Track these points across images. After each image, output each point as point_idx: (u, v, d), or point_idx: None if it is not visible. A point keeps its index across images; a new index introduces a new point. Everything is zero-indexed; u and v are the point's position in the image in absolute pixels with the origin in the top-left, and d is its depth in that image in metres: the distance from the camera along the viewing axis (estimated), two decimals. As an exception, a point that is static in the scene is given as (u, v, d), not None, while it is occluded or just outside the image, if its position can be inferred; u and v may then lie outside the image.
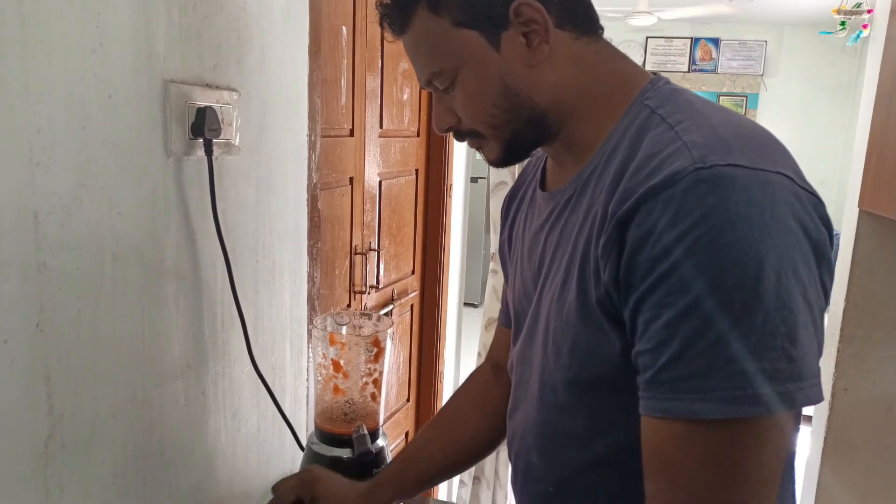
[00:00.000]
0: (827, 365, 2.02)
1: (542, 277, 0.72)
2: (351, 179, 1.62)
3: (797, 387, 0.52)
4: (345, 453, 0.96)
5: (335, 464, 0.96)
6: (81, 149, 0.72)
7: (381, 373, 1.00)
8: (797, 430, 0.64)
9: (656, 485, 0.57)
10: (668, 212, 0.53)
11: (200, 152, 0.88)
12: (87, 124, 0.72)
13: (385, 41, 1.58)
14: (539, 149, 0.74)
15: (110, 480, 0.81)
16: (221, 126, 0.90)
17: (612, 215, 0.58)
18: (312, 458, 0.99)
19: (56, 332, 0.71)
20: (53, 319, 0.70)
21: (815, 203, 0.57)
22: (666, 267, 0.53)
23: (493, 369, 0.98)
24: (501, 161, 0.72)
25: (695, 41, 5.08)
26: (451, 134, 0.74)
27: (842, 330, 1.93)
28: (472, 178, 2.55)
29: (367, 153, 1.69)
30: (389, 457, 1.02)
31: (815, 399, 0.53)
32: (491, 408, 0.92)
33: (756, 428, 0.53)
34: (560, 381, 0.67)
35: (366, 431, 0.96)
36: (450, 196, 2.21)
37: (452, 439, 0.95)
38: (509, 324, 0.86)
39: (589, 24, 0.68)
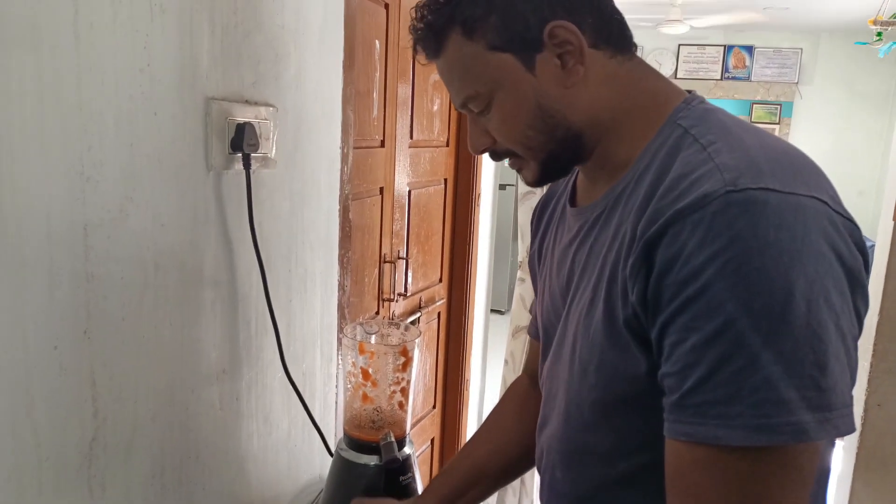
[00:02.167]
0: (860, 380, 1.99)
1: (570, 294, 0.73)
2: (381, 189, 1.65)
3: (825, 417, 0.52)
4: (372, 460, 0.98)
5: (363, 470, 0.99)
6: (128, 164, 0.75)
7: (408, 381, 1.02)
8: (832, 446, 0.64)
9: None
10: (696, 235, 0.53)
11: (239, 166, 0.92)
12: (134, 141, 0.76)
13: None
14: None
15: (148, 481, 0.84)
16: (259, 141, 0.94)
17: (640, 236, 0.58)
18: (341, 463, 1.01)
19: (101, 339, 0.75)
20: (99, 326, 0.74)
21: (851, 228, 0.56)
22: (693, 290, 0.53)
23: (529, 381, 0.99)
24: (539, 181, 0.73)
25: (728, 49, 5.03)
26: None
27: (875, 344, 1.90)
28: (500, 185, 2.57)
29: (397, 163, 1.72)
30: (416, 465, 1.04)
31: (845, 431, 0.53)
32: (528, 418, 0.93)
33: (781, 456, 0.52)
34: (586, 399, 0.68)
35: (393, 439, 0.98)
36: (478, 205, 2.22)
37: (493, 451, 0.95)
38: (538, 336, 0.87)
39: (623, 42, 0.68)
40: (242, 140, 0.89)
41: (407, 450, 1.02)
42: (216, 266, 0.91)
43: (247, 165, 0.91)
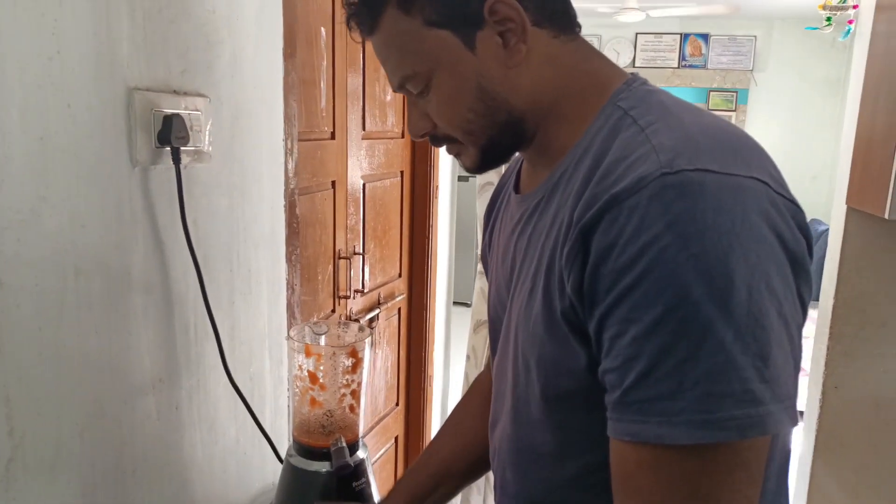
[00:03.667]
0: (817, 363, 2.01)
1: (512, 285, 0.70)
2: (333, 183, 1.59)
3: (768, 410, 0.49)
4: (323, 466, 0.94)
5: (313, 478, 0.94)
6: (38, 160, 0.69)
7: (359, 384, 0.98)
8: (792, 426, 0.62)
9: None
10: (632, 221, 0.51)
11: (168, 161, 0.86)
12: (45, 135, 0.70)
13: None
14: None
15: (78, 502, 0.78)
16: (190, 133, 0.88)
17: (576, 222, 0.55)
18: (290, 471, 0.96)
19: (15, 352, 0.69)
20: (12, 338, 0.68)
21: (794, 210, 0.54)
22: (631, 279, 0.50)
23: (490, 376, 0.96)
24: (478, 167, 0.70)
25: (684, 37, 5.06)
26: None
27: (831, 327, 1.92)
28: (461, 176, 2.53)
29: (349, 156, 1.66)
30: (370, 469, 1.00)
31: (790, 423, 0.51)
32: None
33: (727, 453, 0.50)
34: (531, 395, 0.65)
35: (344, 444, 0.94)
36: (436, 197, 2.18)
37: (459, 449, 0.93)
38: None
39: (566, 22, 0.65)
40: (171, 133, 0.84)
41: (360, 454, 0.98)
42: (146, 268, 0.85)
43: (176, 160, 0.85)
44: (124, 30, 0.78)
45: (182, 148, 0.86)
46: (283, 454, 1.10)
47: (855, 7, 2.71)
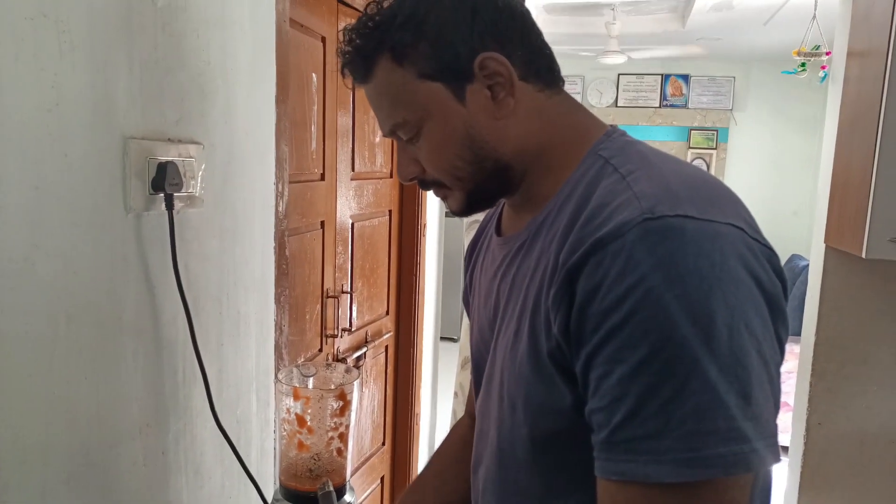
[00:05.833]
0: (801, 400, 2.03)
1: (496, 326, 0.71)
2: (322, 223, 1.61)
3: (752, 448, 0.51)
4: (310, 511, 0.94)
5: (300, 523, 0.93)
6: (34, 209, 0.70)
7: (347, 426, 0.98)
8: (774, 463, 0.63)
9: None
10: (616, 263, 0.53)
11: (162, 207, 0.87)
12: (41, 184, 0.71)
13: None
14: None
15: (62, 550, 0.77)
16: (183, 180, 0.90)
17: (562, 265, 0.57)
18: (277, 516, 0.96)
19: (4, 400, 0.69)
20: (2, 386, 0.68)
21: (769, 254, 0.56)
22: (616, 320, 0.52)
23: (471, 421, 0.96)
24: (464, 211, 0.72)
25: (665, 77, 5.19)
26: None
27: (813, 364, 1.95)
28: (447, 212, 2.56)
29: (339, 196, 1.68)
30: (357, 512, 1.00)
31: (773, 460, 0.52)
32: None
33: (713, 490, 0.51)
34: (516, 436, 0.66)
35: (331, 488, 0.94)
36: (424, 235, 2.20)
37: (440, 498, 0.93)
38: None
39: (551, 76, 0.69)
40: (164, 179, 0.85)
41: (347, 498, 0.98)
42: (137, 313, 0.86)
43: (169, 206, 0.86)
44: (121, 81, 0.81)
45: (175, 194, 0.87)
46: (269, 498, 1.09)
47: (828, 53, 2.81)
